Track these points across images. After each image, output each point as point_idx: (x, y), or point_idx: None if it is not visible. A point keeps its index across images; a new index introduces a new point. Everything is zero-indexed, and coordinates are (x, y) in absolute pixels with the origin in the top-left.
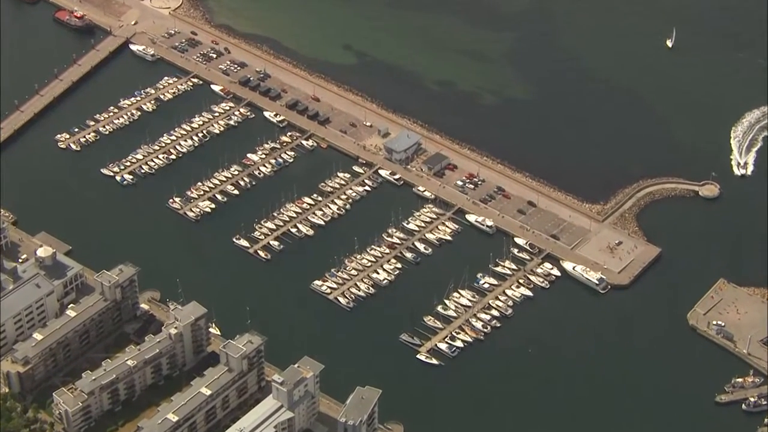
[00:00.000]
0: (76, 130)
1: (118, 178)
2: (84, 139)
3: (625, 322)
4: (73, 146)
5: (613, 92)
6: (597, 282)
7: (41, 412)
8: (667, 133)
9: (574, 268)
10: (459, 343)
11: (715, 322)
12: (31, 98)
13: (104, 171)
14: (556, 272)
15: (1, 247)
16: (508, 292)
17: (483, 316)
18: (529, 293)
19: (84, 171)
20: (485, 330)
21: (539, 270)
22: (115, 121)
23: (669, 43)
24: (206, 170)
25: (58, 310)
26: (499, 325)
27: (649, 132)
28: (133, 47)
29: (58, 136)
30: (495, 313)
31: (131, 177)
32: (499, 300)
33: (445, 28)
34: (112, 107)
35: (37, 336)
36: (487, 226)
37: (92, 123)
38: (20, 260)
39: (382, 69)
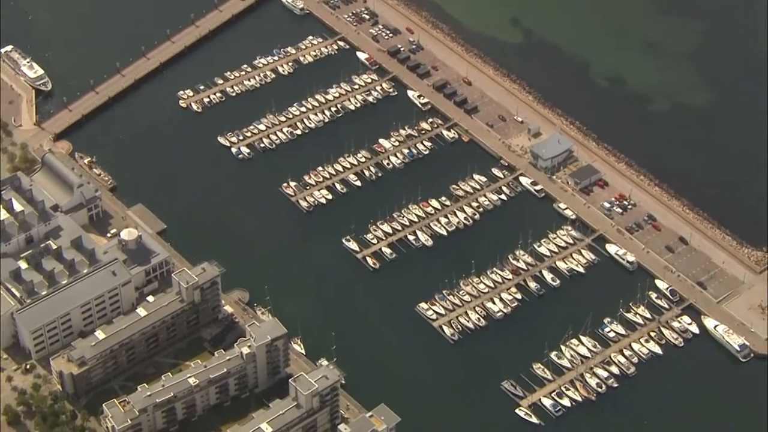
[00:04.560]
0: (202, 87)
1: (234, 150)
2: (207, 100)
3: (763, 400)
4: (195, 106)
5: None
6: (738, 348)
7: (91, 420)
8: None
9: (715, 327)
10: (566, 402)
11: None
12: (161, 45)
13: (221, 140)
14: (694, 329)
15: (93, 217)
16: (635, 346)
17: (600, 372)
18: (658, 350)
19: (199, 137)
20: (599, 389)
21: (675, 324)
22: (245, 83)
23: None
24: (330, 153)
25: (135, 301)
26: (616, 385)
27: None
28: None
29: (181, 92)
30: (615, 370)
31: (248, 151)
32: (623, 355)
33: (631, 12)
34: (245, 65)
35: (99, 334)
36: (628, 261)
37: (220, 82)
38: (108, 235)
39: (548, 52)
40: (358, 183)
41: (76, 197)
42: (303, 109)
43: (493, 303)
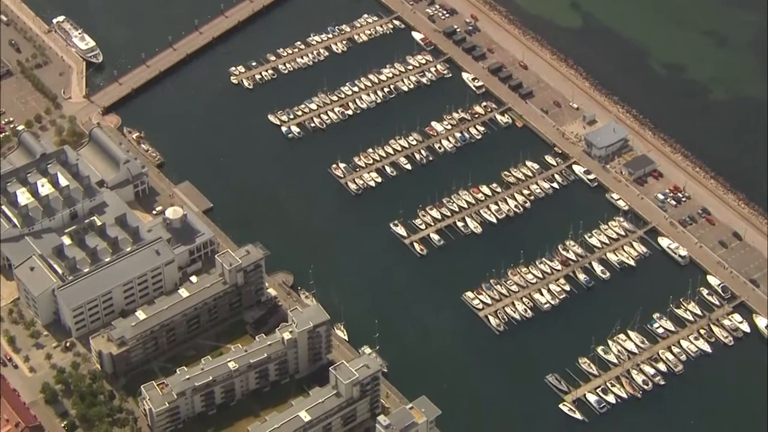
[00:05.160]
0: (254, 64)
1: (284, 128)
2: (259, 77)
3: None
4: (246, 83)
5: None
6: None
7: (129, 401)
8: None
9: (767, 327)
10: (611, 398)
11: None
12: (214, 19)
13: (271, 118)
14: (745, 328)
15: (139, 193)
16: (684, 343)
17: (647, 368)
18: (707, 349)
19: (250, 115)
20: (646, 387)
21: (726, 321)
22: (298, 60)
23: None
24: (381, 135)
25: (178, 280)
26: (663, 382)
27: None
28: None
29: (233, 68)
30: (662, 367)
31: (298, 130)
32: (671, 352)
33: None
34: (299, 42)
35: (140, 314)
36: (680, 255)
37: (273, 58)
38: (154, 212)
39: (607, 39)
40: (409, 166)
41: (122, 173)
42: (355, 88)
43: (541, 294)
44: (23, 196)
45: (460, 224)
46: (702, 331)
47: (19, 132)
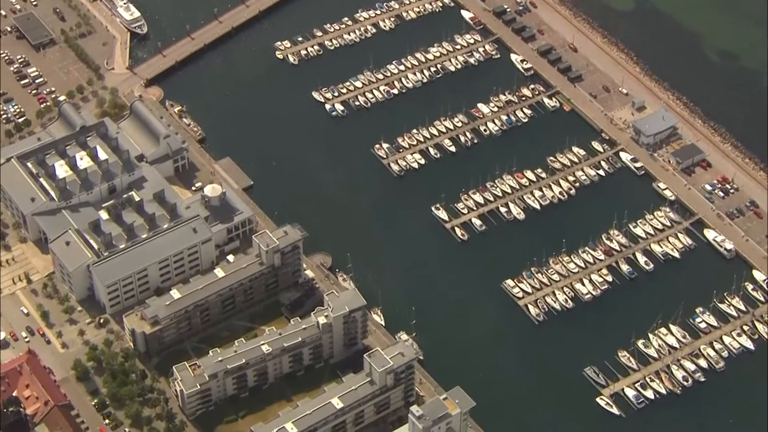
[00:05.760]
0: (300, 39)
1: (327, 106)
2: (305, 52)
3: None
4: (291, 58)
5: None
6: None
7: (161, 381)
8: None
9: None
10: (649, 393)
11: None
12: None
13: (315, 95)
14: None
15: (179, 168)
16: (726, 339)
17: (688, 364)
18: (750, 346)
19: (294, 91)
20: (685, 383)
21: None
22: (345, 36)
23: None
24: (426, 116)
25: (215, 259)
26: (703, 379)
27: None
28: None
29: (278, 43)
30: (703, 363)
31: (342, 109)
32: (713, 348)
33: None
34: (346, 18)
35: (175, 294)
36: (726, 249)
37: (319, 34)
38: (193, 188)
39: (659, 23)
40: (453, 149)
41: (162, 148)
42: (402, 67)
43: (582, 284)
44: (61, 169)
45: (502, 210)
46: (745, 328)
47: (60, 102)
